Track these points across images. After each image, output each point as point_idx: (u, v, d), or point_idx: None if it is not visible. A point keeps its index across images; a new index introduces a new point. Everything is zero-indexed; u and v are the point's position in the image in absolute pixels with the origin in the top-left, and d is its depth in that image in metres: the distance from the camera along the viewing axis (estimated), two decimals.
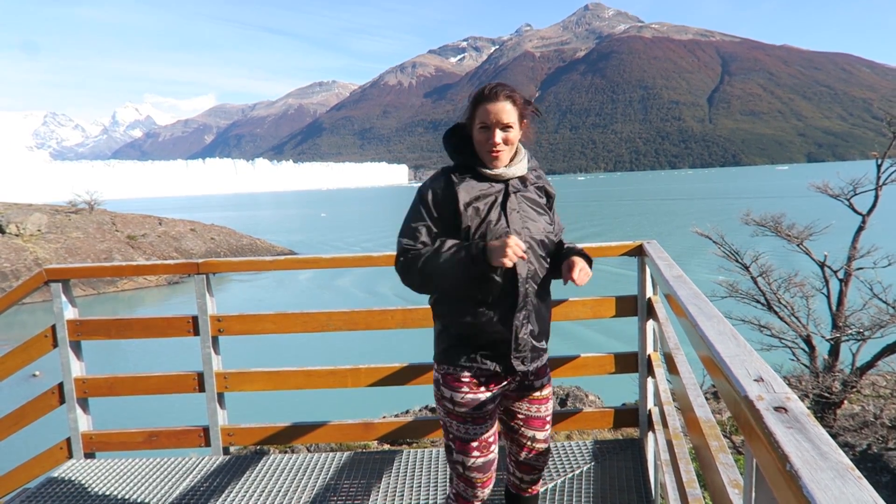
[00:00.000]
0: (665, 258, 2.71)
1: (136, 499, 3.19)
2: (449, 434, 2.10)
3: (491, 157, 1.99)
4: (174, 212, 66.70)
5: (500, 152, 1.99)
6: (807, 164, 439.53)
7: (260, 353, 17.63)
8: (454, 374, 2.04)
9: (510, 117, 1.97)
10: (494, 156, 1.99)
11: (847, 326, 8.70)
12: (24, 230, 31.61)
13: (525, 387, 2.15)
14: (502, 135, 1.97)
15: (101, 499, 3.20)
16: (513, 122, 1.98)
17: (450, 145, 2.09)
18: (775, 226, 9.88)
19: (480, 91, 2.00)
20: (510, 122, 1.97)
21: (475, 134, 2.01)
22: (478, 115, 1.99)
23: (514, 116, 1.98)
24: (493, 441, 2.12)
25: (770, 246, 10.21)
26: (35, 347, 3.51)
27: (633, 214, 67.08)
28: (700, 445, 1.62)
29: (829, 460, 0.79)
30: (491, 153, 1.98)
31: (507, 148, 2.00)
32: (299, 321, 3.50)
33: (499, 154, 1.99)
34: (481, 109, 1.98)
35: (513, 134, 2.00)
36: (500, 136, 1.97)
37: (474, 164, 2.04)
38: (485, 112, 1.97)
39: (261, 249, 41.68)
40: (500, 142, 1.97)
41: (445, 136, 2.10)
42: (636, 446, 3.44)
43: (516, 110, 1.99)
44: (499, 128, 1.97)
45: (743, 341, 1.33)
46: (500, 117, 1.96)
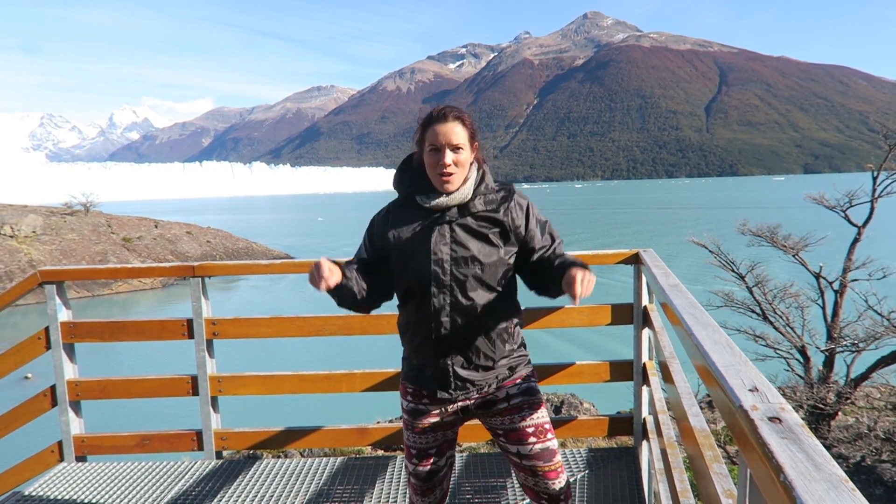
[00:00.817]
0: (661, 267, 2.71)
1: (128, 502, 3.17)
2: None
3: (441, 180, 1.94)
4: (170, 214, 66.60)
5: (451, 174, 1.94)
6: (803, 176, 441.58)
7: (254, 357, 17.58)
8: (402, 384, 2.18)
9: (459, 138, 1.93)
10: (445, 179, 1.94)
11: (842, 338, 8.71)
12: (19, 231, 31.49)
13: (488, 402, 2.09)
14: (453, 156, 1.93)
15: (92, 503, 3.17)
16: (462, 144, 1.94)
17: (395, 178, 2.09)
18: (771, 236, 9.91)
19: (429, 113, 1.98)
20: (459, 143, 1.93)
21: (425, 157, 1.96)
22: (427, 138, 1.95)
23: (463, 138, 1.95)
24: (433, 454, 2.13)
25: (766, 256, 10.23)
26: (28, 349, 3.49)
27: (631, 223, 67.22)
28: (694, 455, 1.62)
29: (824, 471, 0.79)
30: (441, 176, 1.94)
31: (458, 170, 1.95)
32: (294, 325, 3.49)
33: (449, 177, 1.94)
34: (430, 132, 1.94)
35: (463, 156, 1.95)
36: (450, 157, 1.92)
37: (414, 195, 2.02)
38: (434, 134, 1.93)
39: (257, 253, 41.60)
40: (450, 163, 1.92)
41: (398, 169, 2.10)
42: (630, 455, 3.43)
43: (466, 131, 1.96)
44: (449, 149, 1.92)
45: (738, 351, 1.33)
46: (450, 138, 1.92)
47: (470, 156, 1.99)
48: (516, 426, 2.07)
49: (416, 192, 2.02)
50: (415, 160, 2.05)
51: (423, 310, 1.99)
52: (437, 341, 1.99)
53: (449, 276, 1.95)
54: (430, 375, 2.05)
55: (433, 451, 2.13)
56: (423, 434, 2.12)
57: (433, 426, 2.11)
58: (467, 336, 1.99)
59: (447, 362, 2.01)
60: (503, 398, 2.07)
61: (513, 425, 2.07)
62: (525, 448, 2.05)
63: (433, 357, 2.02)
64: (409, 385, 2.14)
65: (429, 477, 2.16)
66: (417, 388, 2.10)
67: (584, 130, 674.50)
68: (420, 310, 2.01)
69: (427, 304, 1.98)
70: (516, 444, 2.07)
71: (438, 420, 2.10)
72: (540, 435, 2.07)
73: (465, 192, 1.98)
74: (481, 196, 2.01)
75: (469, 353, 2.01)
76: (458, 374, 2.01)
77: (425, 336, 2.01)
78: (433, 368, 2.03)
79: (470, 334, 1.99)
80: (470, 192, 1.99)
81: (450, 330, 1.98)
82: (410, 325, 2.06)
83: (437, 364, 2.02)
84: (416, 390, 2.11)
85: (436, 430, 2.12)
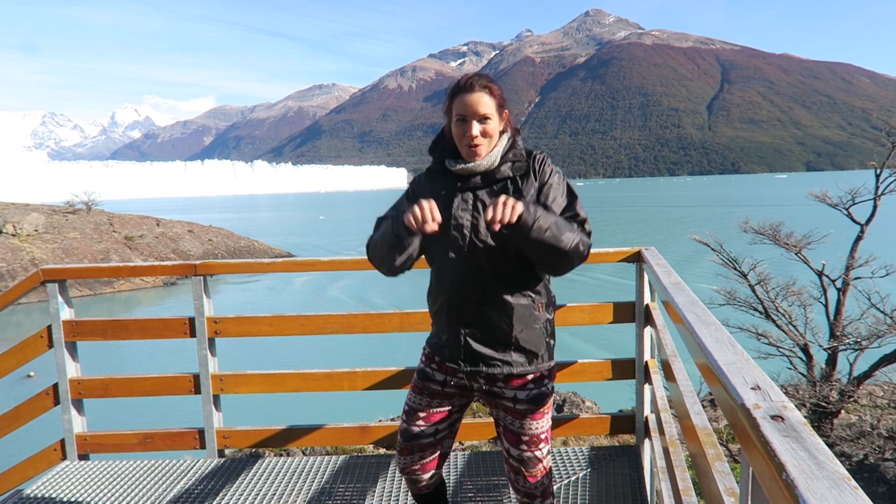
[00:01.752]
0: (663, 265, 2.71)
1: (130, 501, 3.17)
2: None
3: (469, 150, 1.93)
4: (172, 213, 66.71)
5: (479, 146, 1.92)
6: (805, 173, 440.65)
7: (256, 356, 17.61)
8: (424, 346, 2.20)
9: (487, 108, 1.91)
10: (473, 150, 1.92)
11: (845, 336, 8.70)
12: (21, 230, 31.55)
13: (493, 393, 2.05)
14: (480, 127, 1.91)
15: (94, 501, 3.18)
16: (490, 113, 1.92)
17: (431, 144, 2.10)
18: (774, 234, 9.89)
19: (456, 83, 1.96)
20: (487, 112, 1.91)
21: (453, 128, 1.95)
22: (454, 108, 1.93)
23: (491, 107, 1.92)
24: (422, 417, 2.11)
25: (768, 254, 10.21)
26: (30, 348, 3.49)
27: (632, 221, 67.15)
28: (696, 453, 1.61)
29: (826, 470, 0.79)
30: (469, 147, 1.92)
31: (486, 140, 1.93)
32: (296, 324, 3.49)
33: (477, 147, 1.92)
34: (457, 101, 1.92)
35: (491, 125, 1.93)
36: (477, 128, 1.90)
37: (444, 160, 2.02)
38: (461, 104, 1.91)
39: (259, 251, 41.64)
40: (477, 134, 1.90)
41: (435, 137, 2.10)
42: (633, 453, 3.43)
43: (494, 101, 1.93)
44: (475, 119, 1.91)
45: (740, 349, 1.32)
46: (477, 108, 1.90)
47: (498, 125, 1.96)
48: (514, 429, 2.06)
49: (446, 155, 2.02)
50: (445, 130, 2.04)
51: (443, 277, 2.00)
52: (451, 309, 1.99)
53: (468, 243, 1.94)
54: (445, 342, 2.06)
55: (423, 414, 2.12)
56: (420, 395, 2.13)
57: (431, 391, 2.11)
58: (482, 308, 1.96)
59: (460, 332, 2.00)
60: (510, 398, 2.03)
61: (512, 427, 2.07)
62: (514, 451, 2.07)
63: (447, 324, 2.02)
64: (427, 347, 2.18)
65: (409, 437, 2.13)
66: (432, 352, 2.13)
67: (586, 128, 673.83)
68: (440, 276, 2.02)
69: (446, 270, 1.98)
70: (508, 444, 2.09)
71: (439, 388, 2.10)
72: (532, 445, 2.05)
73: (492, 158, 1.96)
74: (509, 162, 1.97)
75: (482, 326, 1.98)
76: (470, 345, 1.99)
77: (442, 303, 2.02)
78: (447, 335, 2.04)
79: (485, 306, 1.96)
80: (497, 159, 1.96)
81: (465, 299, 1.96)
82: (432, 291, 2.08)
83: (450, 332, 2.02)
84: (431, 353, 2.13)
85: (433, 395, 2.11)
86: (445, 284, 1.99)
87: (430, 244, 2.03)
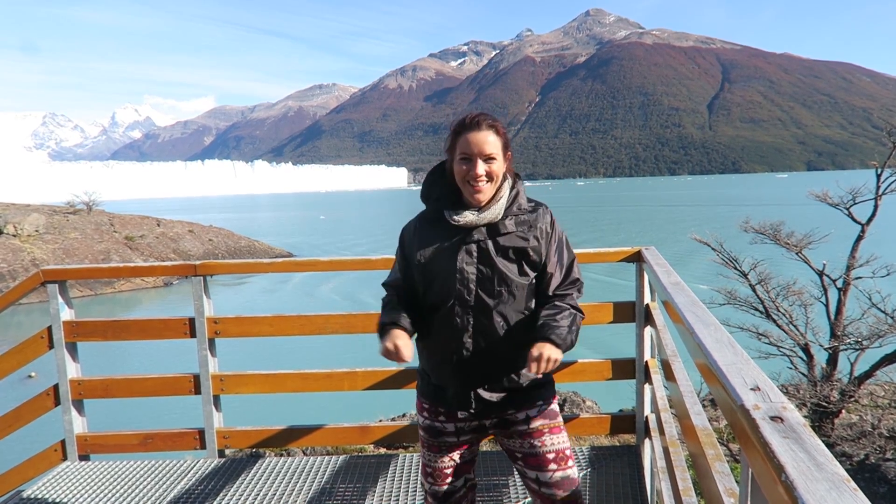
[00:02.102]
0: (663, 265, 2.71)
1: (130, 501, 3.17)
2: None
3: (472, 191, 1.85)
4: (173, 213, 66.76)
5: (482, 187, 1.85)
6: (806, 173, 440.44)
7: (256, 356, 17.60)
8: (419, 400, 2.11)
9: (492, 148, 1.84)
10: (476, 189, 1.85)
11: (845, 336, 8.69)
12: (22, 231, 31.56)
13: (506, 422, 2.01)
14: (485, 167, 1.84)
15: (95, 502, 3.18)
16: (495, 154, 1.85)
17: (424, 188, 2.00)
18: (774, 234, 9.88)
19: (461, 120, 1.89)
20: (492, 153, 1.84)
21: (455, 167, 1.87)
22: (459, 146, 1.86)
23: (496, 147, 1.85)
24: (449, 474, 2.04)
25: (769, 254, 10.20)
26: (31, 349, 3.50)
27: (633, 220, 67.17)
28: (696, 453, 1.61)
29: (825, 471, 0.79)
30: (473, 187, 1.85)
31: (490, 183, 1.86)
32: (296, 324, 3.49)
33: (481, 189, 1.85)
34: (462, 140, 1.85)
35: (496, 166, 1.86)
36: (482, 167, 1.83)
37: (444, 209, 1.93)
38: (466, 142, 1.84)
39: (259, 251, 41.65)
40: (482, 174, 1.83)
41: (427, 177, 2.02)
42: (633, 453, 3.43)
43: (500, 140, 1.87)
44: (481, 159, 1.83)
45: (740, 350, 1.32)
46: (483, 148, 1.83)
47: (503, 166, 1.89)
48: (536, 451, 1.97)
49: (445, 206, 1.93)
50: (447, 169, 1.96)
51: (445, 330, 1.92)
52: (459, 363, 1.92)
53: (474, 297, 1.88)
54: (452, 395, 1.97)
55: (450, 472, 2.05)
56: (440, 453, 2.04)
57: (449, 445, 2.03)
58: (490, 359, 1.91)
59: (468, 385, 1.94)
60: (522, 420, 1.99)
61: (533, 450, 1.98)
62: (545, 475, 1.96)
63: (453, 378, 1.95)
64: (425, 401, 2.07)
65: (445, 498, 2.06)
66: (433, 405, 2.03)
67: (587, 128, 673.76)
68: (442, 329, 1.93)
69: (450, 324, 1.90)
70: (535, 470, 1.98)
71: (455, 439, 2.03)
72: (561, 462, 1.98)
73: (496, 211, 1.89)
74: (513, 217, 1.92)
75: (492, 376, 1.93)
76: (480, 395, 1.94)
77: (446, 357, 1.94)
78: (454, 389, 1.96)
79: (493, 357, 1.91)
80: (501, 212, 1.90)
81: (472, 352, 1.90)
82: (430, 344, 2.00)
83: (457, 385, 1.95)
84: (433, 407, 2.03)
85: (452, 449, 2.04)
86: (449, 336, 1.91)
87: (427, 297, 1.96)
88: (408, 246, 2.03)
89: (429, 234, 1.97)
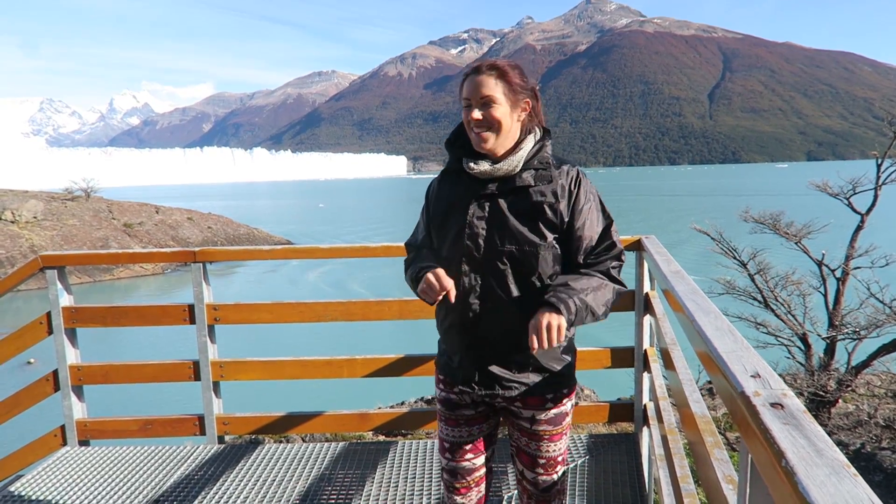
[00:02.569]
0: (663, 253, 2.70)
1: (130, 486, 3.19)
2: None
3: (475, 137, 1.76)
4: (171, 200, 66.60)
5: (481, 132, 1.74)
6: (807, 163, 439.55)
7: (256, 343, 17.64)
8: (436, 372, 2.03)
9: (491, 90, 1.72)
10: (477, 135, 1.75)
11: (843, 325, 8.71)
12: (20, 217, 31.50)
13: (510, 411, 1.92)
14: (480, 112, 1.73)
15: (95, 486, 3.20)
16: (495, 97, 1.72)
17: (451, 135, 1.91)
18: (774, 223, 9.87)
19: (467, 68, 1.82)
20: (490, 94, 1.72)
21: (463, 115, 1.79)
22: (462, 93, 1.78)
23: (497, 90, 1.72)
24: (469, 450, 1.95)
25: (768, 244, 10.20)
26: (30, 334, 3.50)
27: (634, 210, 67.10)
28: (695, 441, 1.62)
29: (825, 457, 0.79)
30: (474, 133, 1.76)
31: (494, 130, 1.75)
32: (296, 311, 3.49)
33: (480, 134, 1.74)
34: (464, 86, 1.77)
35: (499, 111, 1.73)
36: (477, 112, 1.73)
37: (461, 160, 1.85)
38: (465, 87, 1.76)
39: (258, 239, 41.62)
40: (478, 118, 1.73)
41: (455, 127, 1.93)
42: (631, 441, 3.45)
43: (502, 84, 1.73)
44: (476, 103, 1.73)
45: (740, 337, 1.32)
46: (480, 91, 1.72)
47: (510, 112, 1.76)
48: (530, 452, 1.93)
49: (465, 153, 1.84)
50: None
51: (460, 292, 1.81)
52: (464, 326, 1.82)
53: (482, 254, 1.77)
54: (458, 364, 1.88)
55: (468, 447, 1.95)
56: (457, 426, 1.94)
57: (468, 419, 1.94)
58: (499, 326, 1.79)
59: (474, 353, 1.83)
60: (527, 418, 1.89)
61: (527, 449, 1.93)
62: (529, 473, 1.96)
63: (459, 344, 1.85)
64: (440, 373, 1.98)
65: (464, 475, 1.96)
66: (448, 377, 1.93)
67: (587, 117, 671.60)
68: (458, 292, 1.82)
69: (458, 283, 1.79)
70: (523, 466, 1.97)
71: (473, 411, 1.93)
72: (549, 468, 1.95)
73: (514, 163, 1.78)
74: (532, 170, 1.79)
75: (498, 346, 1.81)
76: (485, 366, 1.83)
77: (453, 320, 1.84)
78: (459, 357, 1.87)
79: (502, 324, 1.79)
80: (520, 164, 1.78)
81: (479, 316, 1.79)
82: (441, 307, 1.90)
83: (463, 353, 1.85)
84: (448, 378, 1.94)
85: (471, 423, 1.94)
86: (457, 297, 1.80)
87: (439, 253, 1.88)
88: (429, 199, 1.97)
89: (447, 186, 1.90)
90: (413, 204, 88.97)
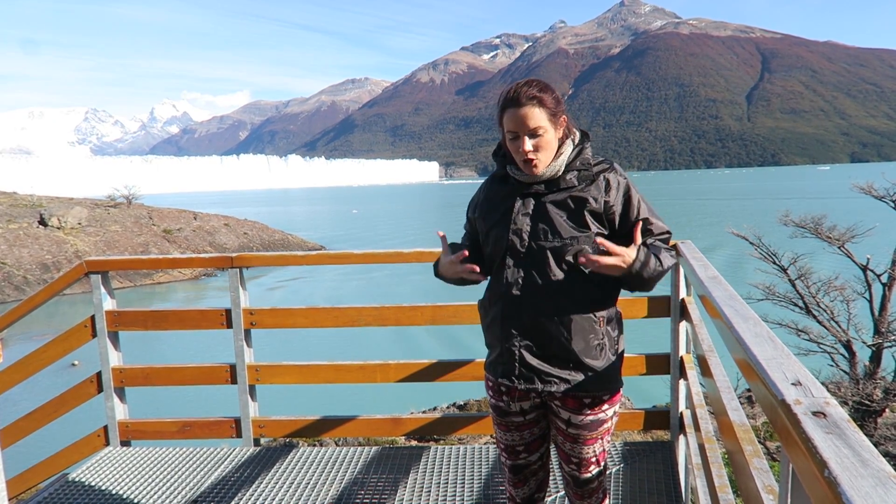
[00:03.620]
0: (700, 258, 2.66)
1: (169, 486, 3.26)
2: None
3: (526, 165, 1.85)
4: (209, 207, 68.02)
5: (534, 160, 1.82)
6: (850, 165, 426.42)
7: (291, 347, 17.88)
8: (486, 373, 2.09)
9: (538, 121, 1.79)
10: (530, 165, 1.84)
11: (890, 332, 8.43)
12: (66, 223, 32.57)
13: (549, 407, 1.98)
14: (532, 141, 1.81)
15: (136, 485, 3.28)
16: (542, 126, 1.80)
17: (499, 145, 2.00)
18: (815, 227, 9.61)
19: (505, 95, 1.84)
20: (538, 125, 1.79)
21: (507, 143, 1.87)
22: (505, 123, 1.84)
23: (542, 119, 1.80)
24: (521, 450, 2.05)
25: (809, 248, 9.94)
26: (75, 337, 3.61)
27: (668, 214, 66.01)
28: (733, 450, 1.58)
29: (871, 467, 0.77)
30: (525, 162, 1.84)
31: (542, 153, 1.83)
32: (330, 316, 3.53)
33: (533, 161, 1.83)
34: (507, 117, 1.82)
35: (546, 138, 1.82)
36: (529, 143, 1.81)
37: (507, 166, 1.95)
38: (510, 120, 1.82)
39: (293, 244, 42.21)
40: (530, 149, 1.80)
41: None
42: (667, 449, 3.39)
43: (545, 111, 1.81)
44: (526, 134, 1.80)
45: (780, 344, 1.29)
46: (527, 123, 1.79)
47: (555, 134, 1.85)
48: (565, 450, 2.01)
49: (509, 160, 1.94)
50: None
51: (498, 284, 1.91)
52: (505, 318, 1.88)
53: (525, 248, 1.85)
54: (497, 356, 1.94)
55: (521, 448, 2.05)
56: (509, 431, 2.04)
57: (518, 425, 2.02)
58: (539, 318, 1.84)
59: (514, 344, 1.88)
60: (563, 419, 1.94)
61: (563, 446, 2.01)
62: (566, 467, 2.05)
63: (500, 336, 1.91)
64: (489, 376, 2.04)
65: (519, 470, 2.09)
66: (496, 381, 1.99)
67: (620, 120, 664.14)
68: (495, 284, 1.93)
69: (501, 277, 1.89)
70: (560, 459, 2.07)
71: (522, 419, 2.00)
72: (582, 467, 2.00)
73: (556, 167, 1.87)
74: (575, 171, 1.88)
75: (539, 339, 1.86)
76: (525, 359, 1.87)
77: (496, 312, 1.92)
78: (499, 348, 1.92)
79: (542, 317, 1.84)
80: (562, 167, 1.88)
81: (521, 308, 1.85)
82: (486, 300, 1.99)
83: (504, 343, 1.90)
84: (495, 384, 2.01)
85: (521, 427, 2.02)
86: (500, 292, 1.89)
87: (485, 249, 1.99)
88: (476, 202, 2.07)
89: (493, 189, 2.01)
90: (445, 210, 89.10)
